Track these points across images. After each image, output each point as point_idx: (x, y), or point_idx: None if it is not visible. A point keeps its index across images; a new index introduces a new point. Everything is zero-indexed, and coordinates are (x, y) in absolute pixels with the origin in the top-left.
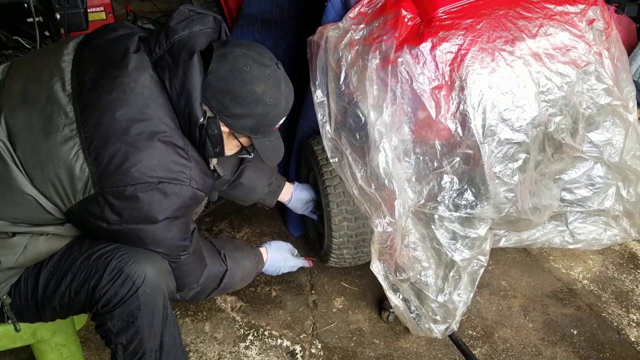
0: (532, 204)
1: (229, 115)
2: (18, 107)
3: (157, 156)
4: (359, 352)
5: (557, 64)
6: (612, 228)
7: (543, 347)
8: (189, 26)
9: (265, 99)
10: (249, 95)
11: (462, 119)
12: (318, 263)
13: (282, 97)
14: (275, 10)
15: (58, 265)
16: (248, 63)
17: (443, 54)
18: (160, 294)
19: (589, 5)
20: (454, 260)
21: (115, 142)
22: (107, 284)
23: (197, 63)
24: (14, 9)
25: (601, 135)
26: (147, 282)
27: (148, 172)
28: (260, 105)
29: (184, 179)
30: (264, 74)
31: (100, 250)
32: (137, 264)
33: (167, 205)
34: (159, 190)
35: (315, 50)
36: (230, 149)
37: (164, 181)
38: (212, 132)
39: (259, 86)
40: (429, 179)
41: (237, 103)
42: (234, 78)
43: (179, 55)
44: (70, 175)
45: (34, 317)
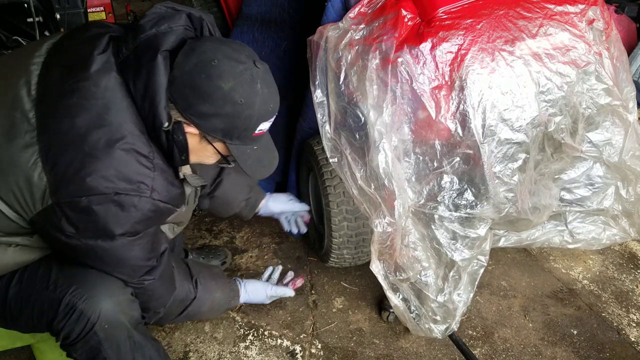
0: (532, 204)
1: (195, 114)
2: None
3: (115, 165)
4: (359, 352)
5: (557, 64)
6: (611, 228)
7: (543, 347)
8: (157, 24)
9: (234, 97)
10: (215, 92)
11: (462, 119)
12: (318, 263)
13: (256, 98)
14: (275, 11)
15: (23, 287)
16: (217, 57)
17: (443, 54)
18: (121, 327)
19: (589, 5)
20: (454, 260)
21: (72, 150)
22: (63, 320)
23: (162, 63)
24: (14, 9)
25: (601, 135)
26: (104, 318)
27: (104, 182)
28: (228, 104)
29: (144, 190)
30: (235, 70)
31: (56, 280)
32: (91, 299)
33: (125, 219)
34: (114, 202)
35: (315, 50)
36: (206, 156)
37: (121, 192)
38: (177, 137)
39: (227, 82)
40: (429, 179)
41: (203, 100)
42: (200, 72)
43: (143, 55)
44: (29, 184)
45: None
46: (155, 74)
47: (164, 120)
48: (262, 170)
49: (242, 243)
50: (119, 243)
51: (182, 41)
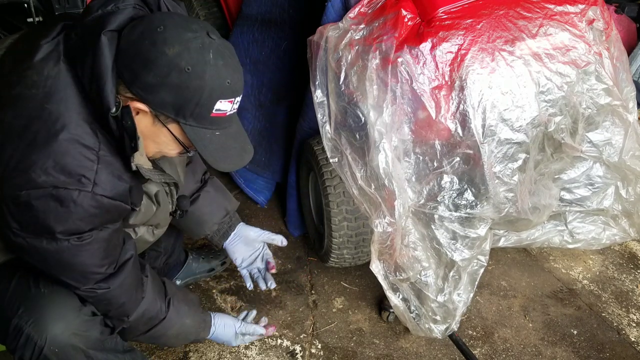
0: (532, 204)
1: (140, 86)
2: None
3: (54, 157)
4: (359, 352)
5: (557, 64)
6: (611, 228)
7: (543, 347)
8: (103, 5)
9: (180, 64)
10: (158, 57)
11: (462, 119)
12: (318, 263)
13: (206, 67)
14: (275, 11)
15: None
16: (164, 24)
17: (443, 54)
18: (75, 350)
19: (589, 5)
20: (454, 260)
21: (13, 142)
22: (12, 343)
23: (106, 44)
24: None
25: (600, 135)
26: (52, 342)
27: (42, 175)
28: (174, 72)
29: (85, 184)
30: (182, 37)
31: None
32: (37, 323)
33: (65, 215)
34: (53, 197)
35: (315, 50)
36: (164, 143)
37: (59, 186)
38: (126, 123)
39: (172, 48)
40: (429, 179)
41: (147, 69)
42: (144, 40)
43: (88, 37)
44: None
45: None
46: (99, 55)
47: (111, 105)
48: (226, 161)
49: None
50: (64, 246)
51: (130, 20)
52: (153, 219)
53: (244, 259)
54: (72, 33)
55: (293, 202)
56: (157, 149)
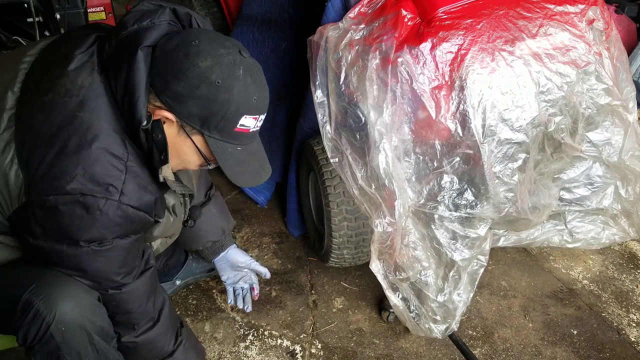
0: (532, 204)
1: (170, 95)
2: None
3: (83, 165)
4: (359, 352)
5: (557, 64)
6: (610, 227)
7: (543, 347)
8: (139, 20)
9: (211, 77)
10: (190, 69)
11: (462, 119)
12: (318, 263)
13: (235, 82)
14: (275, 11)
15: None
16: (199, 38)
17: (443, 54)
18: (80, 332)
19: (589, 5)
20: (454, 260)
21: (43, 147)
22: (19, 319)
23: (142, 59)
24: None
25: (600, 134)
26: (60, 319)
27: (70, 182)
28: (204, 85)
29: (112, 193)
30: (215, 52)
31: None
32: (48, 298)
33: (90, 223)
34: (80, 203)
35: (315, 50)
36: (187, 154)
37: (87, 194)
38: (156, 136)
39: (204, 61)
40: (429, 178)
41: (178, 79)
42: (179, 51)
43: (123, 51)
44: (7, 181)
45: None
46: (135, 69)
47: (142, 118)
48: (246, 177)
49: (242, 243)
50: (84, 250)
51: (165, 36)
52: (169, 229)
53: (229, 277)
54: (105, 45)
55: (293, 202)
56: (179, 161)
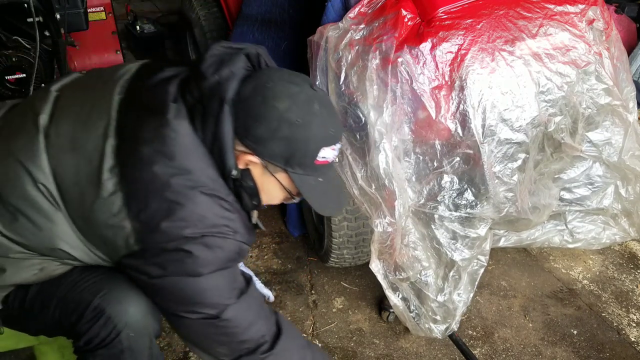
0: (532, 204)
1: (253, 139)
2: (67, 154)
3: (199, 210)
4: (359, 352)
5: (557, 64)
6: (611, 227)
7: (543, 347)
8: (218, 70)
9: (291, 118)
10: (270, 112)
11: (462, 119)
12: (318, 263)
13: (314, 118)
14: (275, 11)
15: (47, 285)
16: (273, 79)
17: (443, 54)
18: (146, 337)
19: (589, 5)
20: (454, 260)
21: (156, 198)
22: (88, 322)
23: (228, 112)
24: (14, 9)
25: (600, 134)
26: (130, 326)
27: (190, 228)
28: (285, 125)
29: (228, 232)
30: (290, 90)
31: (87, 282)
32: (120, 305)
33: (212, 259)
34: (203, 244)
35: (315, 50)
36: (272, 191)
37: (208, 234)
38: (246, 184)
39: (282, 102)
40: (429, 178)
41: (259, 123)
42: (256, 96)
43: (209, 105)
44: (114, 232)
45: (19, 327)
46: (222, 124)
47: (232, 168)
48: (330, 206)
49: None
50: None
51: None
52: None
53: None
54: (187, 94)
55: None
56: (265, 198)
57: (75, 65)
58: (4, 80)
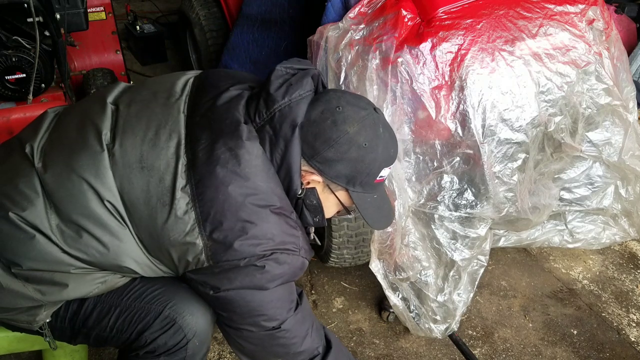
0: (532, 204)
1: (320, 160)
2: (135, 173)
3: (271, 229)
4: (359, 352)
5: (557, 64)
6: (611, 227)
7: (543, 347)
8: (288, 93)
9: (359, 141)
10: (341, 136)
11: (462, 119)
12: (318, 263)
13: (379, 141)
14: (275, 10)
15: (105, 297)
16: (341, 104)
17: (443, 54)
18: (206, 345)
19: (589, 5)
20: (454, 260)
21: (230, 217)
22: (157, 332)
23: (298, 136)
24: (14, 9)
25: (600, 134)
26: (198, 335)
27: (262, 245)
28: (353, 148)
29: (295, 249)
30: (358, 115)
31: (153, 292)
32: (191, 316)
33: (279, 274)
34: (273, 260)
35: (315, 50)
36: (327, 207)
37: (277, 251)
38: (310, 202)
39: (352, 126)
40: (429, 178)
41: (328, 145)
42: (326, 119)
43: (280, 128)
44: (184, 249)
45: (63, 338)
46: (293, 146)
47: (298, 189)
48: (382, 220)
49: None
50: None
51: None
52: None
53: None
54: (256, 116)
55: None
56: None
57: (76, 65)
58: (4, 80)
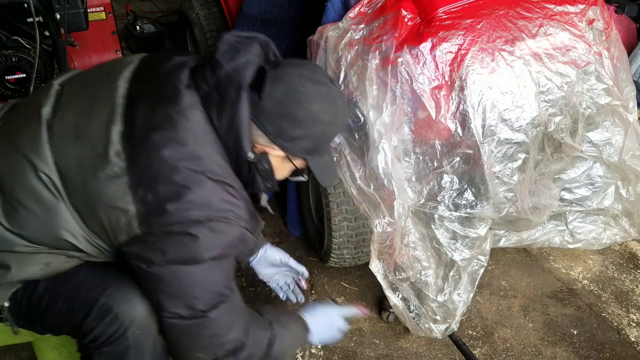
0: (532, 204)
1: (286, 138)
2: (70, 143)
3: (207, 195)
4: (359, 352)
5: (557, 64)
6: (611, 227)
7: (543, 347)
8: (234, 58)
9: (323, 118)
10: (307, 116)
11: (462, 119)
12: (318, 263)
13: (338, 114)
14: (275, 10)
15: (54, 282)
16: (303, 82)
17: (443, 54)
18: (150, 335)
19: (589, 5)
20: (454, 260)
21: (163, 182)
22: (95, 320)
23: (246, 99)
24: (14, 9)
25: (601, 134)
26: (137, 323)
27: (196, 211)
28: (318, 125)
29: (233, 218)
30: (320, 92)
31: (94, 280)
32: (128, 303)
33: (214, 244)
34: (207, 227)
35: (315, 50)
36: (282, 173)
37: (213, 219)
38: (262, 167)
39: (316, 104)
40: (429, 178)
41: (295, 125)
42: (290, 99)
43: (227, 92)
44: (117, 215)
45: (26, 325)
46: (240, 110)
47: (248, 153)
48: (331, 178)
49: None
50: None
51: (258, 71)
52: None
53: (271, 275)
54: (200, 82)
55: (293, 202)
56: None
57: (76, 65)
58: (4, 80)
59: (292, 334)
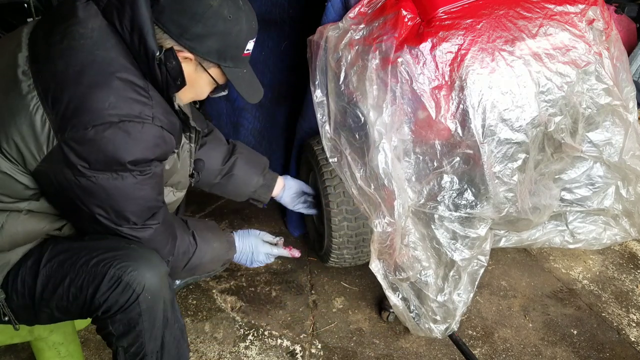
0: (532, 204)
1: (189, 37)
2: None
3: (114, 94)
4: (359, 352)
5: (557, 64)
6: (611, 227)
7: (543, 347)
8: None
9: (224, 13)
10: (206, 10)
11: (462, 119)
12: (318, 263)
13: (241, 13)
14: (275, 10)
15: (57, 267)
16: None
17: (443, 54)
18: (161, 300)
19: (589, 5)
20: (454, 260)
21: (71, 86)
22: (107, 292)
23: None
24: (14, 9)
25: (601, 135)
26: (148, 289)
27: (107, 110)
28: (220, 21)
29: (147, 117)
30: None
31: (99, 255)
32: (136, 271)
33: (133, 145)
34: (121, 129)
35: (315, 50)
36: (201, 86)
37: (125, 119)
38: (170, 64)
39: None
40: (429, 178)
41: (196, 21)
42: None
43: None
44: (33, 129)
45: (30, 319)
46: (138, 7)
47: (155, 50)
48: (255, 94)
49: None
50: (130, 180)
51: None
52: (175, 177)
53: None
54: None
55: None
56: (192, 94)
57: None
58: None
59: (213, 250)
